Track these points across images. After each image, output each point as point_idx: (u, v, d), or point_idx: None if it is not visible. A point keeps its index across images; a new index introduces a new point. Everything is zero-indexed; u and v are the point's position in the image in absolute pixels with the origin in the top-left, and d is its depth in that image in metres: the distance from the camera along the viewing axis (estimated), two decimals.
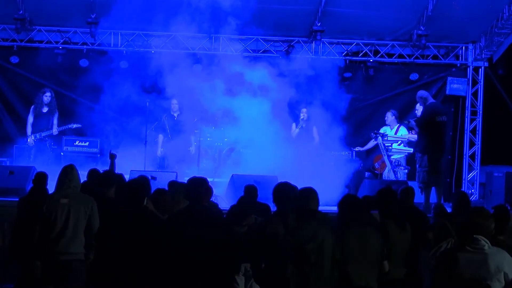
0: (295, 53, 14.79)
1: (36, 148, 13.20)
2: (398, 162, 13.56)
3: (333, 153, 13.38)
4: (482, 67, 15.42)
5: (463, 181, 15.39)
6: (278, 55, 14.70)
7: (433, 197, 11.81)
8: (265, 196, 7.66)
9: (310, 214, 5.88)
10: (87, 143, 13.76)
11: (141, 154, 13.11)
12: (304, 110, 13.77)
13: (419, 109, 12.50)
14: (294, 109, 13.86)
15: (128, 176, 9.66)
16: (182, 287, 5.83)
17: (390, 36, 15.16)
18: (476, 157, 15.44)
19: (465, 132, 15.48)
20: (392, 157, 13.49)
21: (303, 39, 15.03)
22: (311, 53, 14.97)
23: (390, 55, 15.34)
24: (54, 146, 13.58)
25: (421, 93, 12.47)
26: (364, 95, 15.35)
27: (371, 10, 14.14)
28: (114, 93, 13.42)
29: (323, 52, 14.98)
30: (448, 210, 7.95)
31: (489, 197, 13.18)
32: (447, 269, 4.98)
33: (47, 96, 13.35)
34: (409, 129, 13.48)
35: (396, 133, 13.85)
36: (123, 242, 5.95)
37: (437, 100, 14.10)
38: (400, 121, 13.92)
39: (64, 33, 14.82)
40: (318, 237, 5.74)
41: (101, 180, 7.57)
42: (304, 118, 13.79)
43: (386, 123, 14.08)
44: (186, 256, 5.79)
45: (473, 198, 14.75)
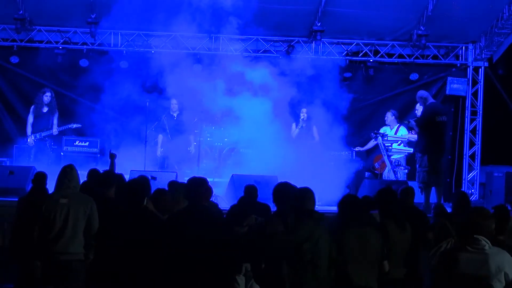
0: (295, 53, 14.79)
1: (36, 148, 13.19)
2: (398, 162, 13.55)
3: (333, 153, 13.38)
4: (482, 67, 15.41)
5: (463, 181, 15.39)
6: (278, 55, 14.70)
7: (433, 197, 11.82)
8: (265, 196, 7.65)
9: (306, 214, 5.87)
10: (87, 143, 13.75)
11: (141, 154, 13.11)
12: (304, 110, 13.76)
13: (419, 109, 12.51)
14: (294, 109, 13.85)
15: (128, 176, 9.65)
16: (182, 287, 5.83)
17: (390, 36, 15.15)
18: (476, 157, 15.43)
19: (465, 132, 15.47)
20: (392, 157, 13.49)
21: (303, 39, 15.03)
22: (311, 53, 14.97)
23: (390, 55, 15.34)
24: (54, 146, 13.57)
25: (421, 93, 12.48)
26: (364, 95, 15.34)
27: (371, 10, 14.14)
28: (114, 93, 13.42)
29: (323, 52, 14.98)
30: (448, 210, 7.95)
31: (489, 197, 13.20)
32: (447, 269, 4.98)
33: (47, 96, 13.34)
34: (409, 129, 13.48)
35: (396, 133, 13.84)
36: (123, 242, 5.95)
37: (437, 100, 14.09)
38: (400, 121, 13.91)
39: (64, 33, 14.81)
40: (314, 237, 5.73)
41: (101, 180, 7.57)
42: (304, 118, 13.78)
43: (386, 123, 14.07)
44: (186, 256, 5.79)
45: (473, 198, 14.75)
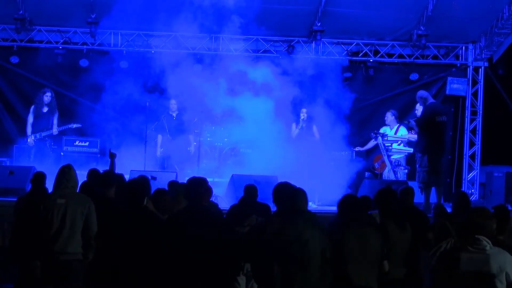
0: (295, 53, 14.79)
1: (36, 148, 13.19)
2: (398, 162, 13.54)
3: (333, 153, 13.37)
4: (482, 67, 15.41)
5: (463, 181, 15.38)
6: (279, 55, 14.69)
7: (433, 197, 11.82)
8: (265, 196, 7.65)
9: (296, 214, 5.83)
10: (87, 143, 13.74)
11: (141, 154, 13.11)
12: (304, 110, 13.74)
13: (419, 109, 12.51)
14: (294, 109, 13.84)
15: (128, 176, 9.65)
16: (182, 287, 5.83)
17: (390, 36, 15.15)
18: (476, 157, 15.43)
19: (465, 132, 15.47)
20: (392, 157, 13.48)
21: (303, 39, 15.03)
22: (311, 53, 14.96)
23: (390, 55, 15.34)
24: (54, 146, 13.56)
25: (421, 93, 12.48)
26: (364, 95, 15.32)
27: (371, 10, 14.14)
28: (114, 93, 13.41)
29: (323, 52, 14.98)
30: (448, 210, 7.95)
31: (489, 197, 13.21)
32: (448, 269, 4.98)
33: (47, 96, 13.34)
34: (409, 129, 13.47)
35: (396, 133, 13.84)
36: (123, 242, 5.95)
37: (437, 100, 14.09)
38: (400, 121, 13.90)
39: (64, 33, 14.81)
40: (303, 237, 5.68)
41: (101, 180, 7.57)
42: (304, 118, 13.76)
43: (386, 123, 14.06)
44: (186, 256, 5.79)
45: (473, 198, 14.75)
